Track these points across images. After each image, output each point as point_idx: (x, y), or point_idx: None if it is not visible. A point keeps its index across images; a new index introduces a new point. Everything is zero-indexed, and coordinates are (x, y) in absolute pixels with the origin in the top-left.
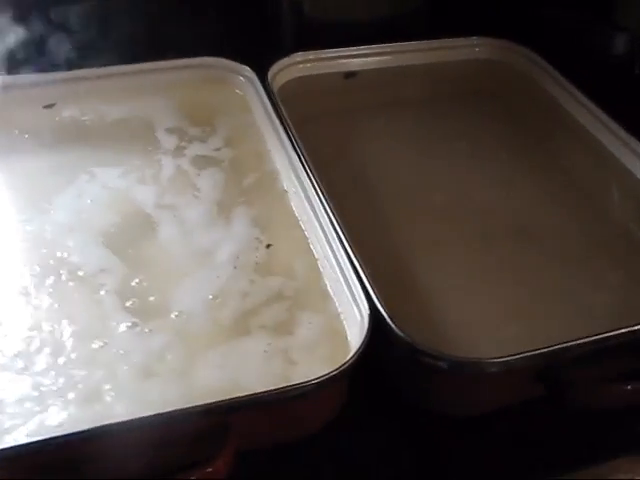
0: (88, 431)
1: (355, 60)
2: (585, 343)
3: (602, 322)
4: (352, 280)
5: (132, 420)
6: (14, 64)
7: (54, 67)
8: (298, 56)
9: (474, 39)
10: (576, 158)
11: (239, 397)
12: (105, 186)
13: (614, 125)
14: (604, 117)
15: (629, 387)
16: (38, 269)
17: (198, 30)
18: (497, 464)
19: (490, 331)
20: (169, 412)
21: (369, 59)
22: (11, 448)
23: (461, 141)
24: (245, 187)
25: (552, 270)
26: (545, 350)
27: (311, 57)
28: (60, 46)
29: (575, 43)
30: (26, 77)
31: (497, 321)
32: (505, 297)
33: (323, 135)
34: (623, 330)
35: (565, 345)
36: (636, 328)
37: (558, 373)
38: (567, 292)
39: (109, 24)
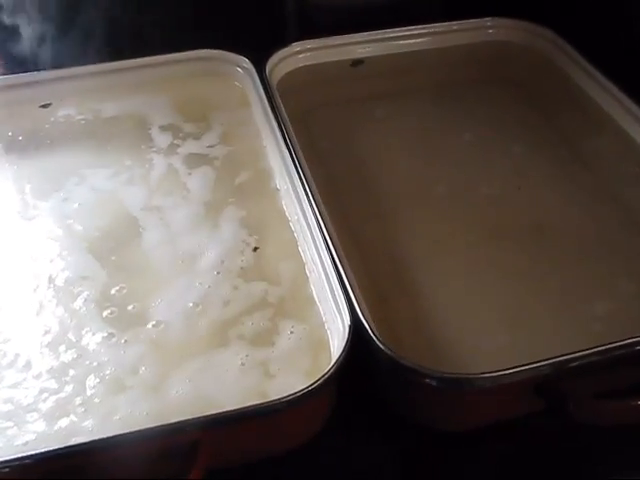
0: (47, 453)
1: (361, 47)
2: (581, 356)
3: (607, 332)
4: (336, 287)
5: (96, 441)
6: (9, 63)
7: (49, 65)
8: (298, 45)
9: (488, 20)
10: (598, 149)
11: (207, 416)
12: (94, 189)
13: None
14: (630, 104)
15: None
16: (18, 277)
17: (194, 20)
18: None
19: (485, 340)
20: (137, 431)
21: (376, 45)
22: None
23: (473, 131)
24: (237, 186)
25: (559, 273)
26: (535, 365)
27: (310, 46)
28: (53, 44)
29: (598, 23)
30: (22, 76)
31: (493, 330)
32: (505, 304)
33: (326, 127)
34: (628, 341)
35: (560, 359)
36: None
37: (555, 387)
38: (572, 298)
39: (103, 19)
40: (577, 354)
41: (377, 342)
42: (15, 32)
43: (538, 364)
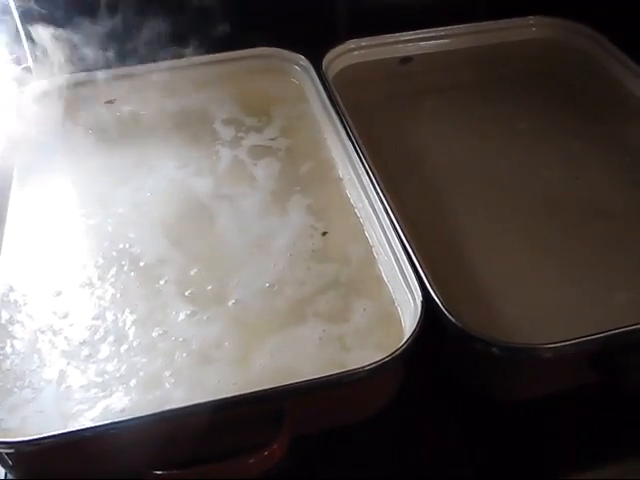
0: (147, 417)
1: (410, 45)
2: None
3: None
4: (406, 267)
5: (190, 406)
6: (75, 62)
7: (112, 64)
8: (352, 43)
9: (531, 19)
10: None
11: (294, 383)
12: (164, 178)
13: None
14: None
15: None
16: (101, 261)
17: (252, 20)
18: (547, 449)
19: (545, 317)
20: (226, 398)
21: (424, 43)
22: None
23: (520, 124)
24: (301, 175)
25: (616, 254)
26: (598, 336)
27: (364, 44)
28: (115, 43)
29: (638, 20)
30: (86, 75)
31: (552, 307)
32: (563, 282)
33: (379, 121)
34: None
35: (617, 331)
36: None
37: (611, 360)
38: (629, 277)
39: (163, 18)
40: (636, 327)
41: (448, 316)
42: (80, 32)
43: (599, 335)
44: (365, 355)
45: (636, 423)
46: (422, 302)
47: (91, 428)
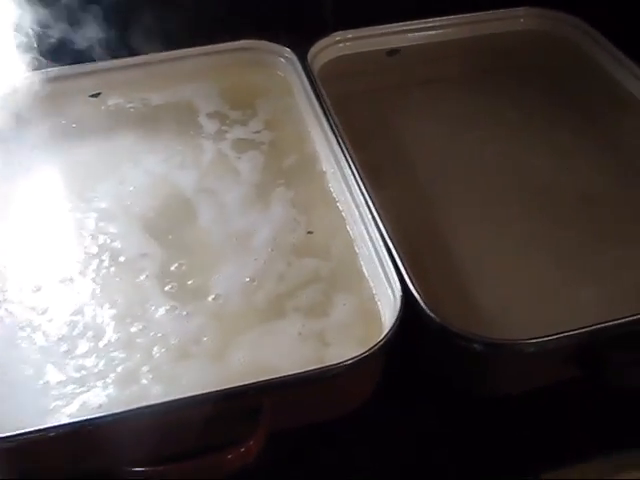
0: (124, 413)
1: (397, 37)
2: (622, 324)
3: None
4: (386, 261)
5: (167, 402)
6: (58, 55)
7: (97, 57)
8: (338, 35)
9: (520, 10)
10: (632, 133)
11: (272, 379)
12: (148, 172)
13: None
14: None
15: None
16: (82, 255)
17: (236, 13)
18: (528, 444)
19: (528, 311)
20: (203, 394)
21: (411, 35)
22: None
23: (508, 115)
24: (285, 169)
25: (599, 247)
26: (580, 331)
27: (351, 36)
28: (99, 35)
29: (627, 11)
30: (71, 68)
31: (535, 301)
32: (545, 276)
33: (366, 114)
34: None
35: (601, 326)
36: None
37: (594, 354)
38: (611, 271)
39: (147, 11)
40: (619, 321)
41: (427, 311)
42: (64, 24)
43: (581, 330)
44: (345, 350)
45: (618, 418)
46: (401, 297)
47: (68, 424)
